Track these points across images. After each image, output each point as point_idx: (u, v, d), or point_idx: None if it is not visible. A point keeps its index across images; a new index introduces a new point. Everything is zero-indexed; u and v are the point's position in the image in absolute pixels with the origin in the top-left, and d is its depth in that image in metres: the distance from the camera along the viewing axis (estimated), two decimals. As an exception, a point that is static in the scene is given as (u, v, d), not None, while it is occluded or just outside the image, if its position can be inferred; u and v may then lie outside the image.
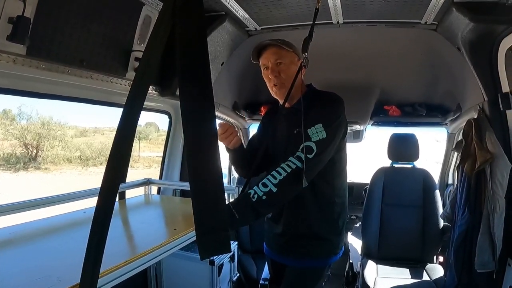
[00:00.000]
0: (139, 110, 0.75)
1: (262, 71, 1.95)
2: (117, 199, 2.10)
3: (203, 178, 0.75)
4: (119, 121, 0.73)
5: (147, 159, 13.81)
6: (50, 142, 12.48)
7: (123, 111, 0.73)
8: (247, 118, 3.82)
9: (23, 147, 12.05)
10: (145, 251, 1.22)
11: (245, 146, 2.08)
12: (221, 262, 2.49)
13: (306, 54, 1.71)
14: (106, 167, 0.73)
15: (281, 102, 1.87)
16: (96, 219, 0.72)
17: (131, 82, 2.04)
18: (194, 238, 1.51)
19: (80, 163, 12.96)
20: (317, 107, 1.79)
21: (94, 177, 12.16)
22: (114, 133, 0.74)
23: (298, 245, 1.92)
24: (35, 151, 12.17)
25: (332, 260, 1.97)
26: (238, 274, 2.90)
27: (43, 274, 1.08)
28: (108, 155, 0.74)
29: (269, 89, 1.95)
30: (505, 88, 2.22)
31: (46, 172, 12.02)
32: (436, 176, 3.40)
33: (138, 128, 0.78)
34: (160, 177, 2.93)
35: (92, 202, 1.88)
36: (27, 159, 12.00)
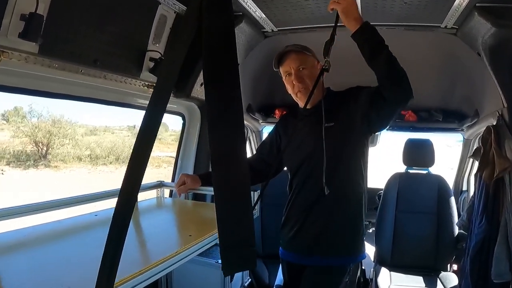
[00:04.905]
0: (161, 112, 0.72)
1: (284, 78, 1.96)
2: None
3: (229, 188, 0.70)
4: (141, 124, 0.70)
5: (156, 159, 13.82)
6: (61, 140, 12.55)
7: (145, 114, 0.70)
8: (260, 121, 3.79)
9: (34, 144, 12.12)
10: (160, 260, 1.18)
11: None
12: (233, 267, 2.44)
13: (327, 58, 1.70)
14: (127, 170, 0.70)
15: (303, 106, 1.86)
16: (115, 225, 0.69)
17: (146, 83, 2.03)
18: (210, 245, 1.49)
19: (90, 162, 13.00)
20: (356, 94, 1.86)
21: (104, 176, 12.20)
22: (124, 132, 0.71)
23: (326, 243, 1.92)
24: (45, 148, 12.23)
25: (358, 258, 2.01)
26: (249, 279, 2.87)
27: (53, 280, 1.06)
28: (118, 155, 0.71)
29: (293, 95, 1.98)
30: (526, 95, 2.16)
31: (56, 170, 12.05)
32: (449, 182, 3.33)
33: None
34: (173, 180, 2.89)
35: (103, 205, 1.86)
36: (37, 156, 12.06)
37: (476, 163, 3.05)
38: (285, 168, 2.14)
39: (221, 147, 0.70)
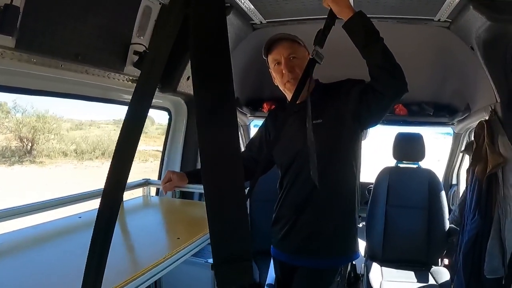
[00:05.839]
0: (145, 110, 0.67)
1: (272, 67, 1.89)
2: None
3: (223, 197, 0.63)
4: (123, 123, 0.65)
5: (143, 153, 13.76)
6: (46, 136, 12.41)
7: (127, 112, 0.65)
8: (248, 115, 3.73)
9: (18, 140, 11.97)
10: (149, 267, 1.13)
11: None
12: (223, 267, 2.39)
13: (316, 47, 1.62)
14: (109, 172, 0.64)
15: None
16: (98, 231, 0.63)
17: (130, 77, 1.95)
18: (199, 248, 1.44)
19: (76, 157, 12.88)
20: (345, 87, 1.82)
21: (90, 171, 12.11)
22: (110, 126, 0.64)
23: (318, 244, 1.86)
24: (30, 144, 12.09)
25: (350, 259, 1.98)
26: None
27: None
28: (104, 149, 0.64)
29: (281, 86, 1.90)
30: (519, 90, 2.15)
31: (41, 166, 11.94)
32: (438, 175, 3.34)
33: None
34: (159, 177, 2.84)
35: (87, 206, 1.79)
36: (23, 152, 11.92)
37: (466, 157, 3.05)
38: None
39: (213, 151, 0.63)
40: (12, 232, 1.44)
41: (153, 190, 2.36)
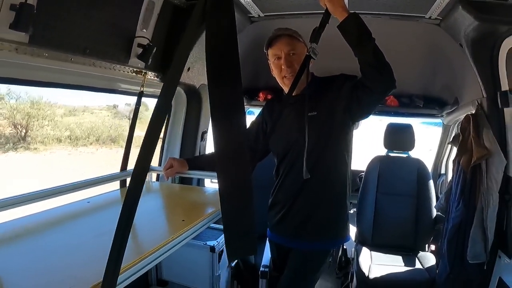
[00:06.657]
0: (169, 102, 0.80)
1: (272, 61, 1.97)
2: (118, 187, 2.11)
3: (234, 181, 0.76)
4: (152, 113, 0.76)
5: (137, 139, 13.62)
6: (40, 122, 12.31)
7: (156, 104, 0.77)
8: (245, 104, 3.78)
9: (12, 127, 11.91)
10: (157, 246, 1.22)
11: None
12: (221, 249, 2.49)
13: (312, 44, 1.70)
14: (140, 151, 0.76)
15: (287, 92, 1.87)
16: (127, 204, 0.76)
17: (134, 69, 2.01)
18: (202, 229, 1.53)
19: (70, 143, 12.79)
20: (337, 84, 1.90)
21: (85, 157, 12.05)
22: (104, 112, 0.76)
23: (312, 228, 1.97)
24: (24, 131, 12.00)
25: (341, 242, 2.11)
26: (236, 260, 2.91)
27: (58, 274, 1.07)
28: (98, 135, 0.76)
29: (279, 79, 1.99)
30: (505, 86, 2.24)
31: (35, 153, 11.82)
32: (427, 164, 3.43)
33: (128, 108, 0.80)
34: (159, 164, 2.92)
35: (93, 191, 1.87)
36: (17, 139, 11.80)
37: (455, 148, 3.15)
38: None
39: (226, 143, 0.75)
40: (25, 217, 1.52)
41: (153, 176, 2.43)
